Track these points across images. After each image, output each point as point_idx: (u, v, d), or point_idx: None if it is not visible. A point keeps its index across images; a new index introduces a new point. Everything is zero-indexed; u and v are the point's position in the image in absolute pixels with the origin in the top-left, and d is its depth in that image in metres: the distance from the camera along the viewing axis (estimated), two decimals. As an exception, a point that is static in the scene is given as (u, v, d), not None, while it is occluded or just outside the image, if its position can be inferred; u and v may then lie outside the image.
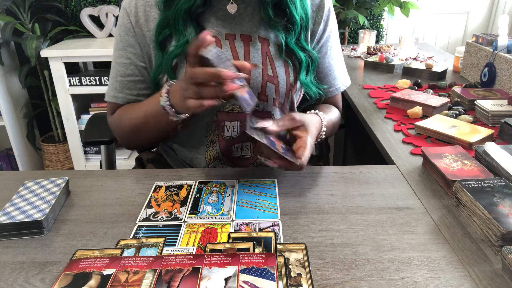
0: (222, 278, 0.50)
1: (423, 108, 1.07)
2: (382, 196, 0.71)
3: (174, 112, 0.73)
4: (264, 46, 0.84)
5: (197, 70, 0.62)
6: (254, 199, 0.70)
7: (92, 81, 2.13)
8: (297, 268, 0.53)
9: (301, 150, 0.70)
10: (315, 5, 0.88)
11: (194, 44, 0.61)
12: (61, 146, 2.38)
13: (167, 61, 0.81)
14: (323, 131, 0.83)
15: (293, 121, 0.73)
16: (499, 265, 0.54)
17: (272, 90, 0.84)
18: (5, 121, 2.20)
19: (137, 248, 0.57)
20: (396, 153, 0.87)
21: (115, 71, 0.87)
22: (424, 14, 2.55)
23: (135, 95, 0.87)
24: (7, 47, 2.22)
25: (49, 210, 0.63)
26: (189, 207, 0.68)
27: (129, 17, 0.84)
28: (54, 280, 0.51)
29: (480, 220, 0.60)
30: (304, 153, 0.69)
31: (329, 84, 0.94)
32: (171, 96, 0.73)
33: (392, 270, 0.53)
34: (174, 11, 0.79)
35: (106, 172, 0.82)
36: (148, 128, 0.82)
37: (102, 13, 2.23)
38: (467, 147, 0.86)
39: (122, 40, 0.85)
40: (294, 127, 0.73)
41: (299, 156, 0.69)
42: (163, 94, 0.74)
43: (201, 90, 0.63)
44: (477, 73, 1.35)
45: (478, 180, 0.67)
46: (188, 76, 0.64)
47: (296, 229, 0.62)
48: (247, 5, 0.84)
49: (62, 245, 0.59)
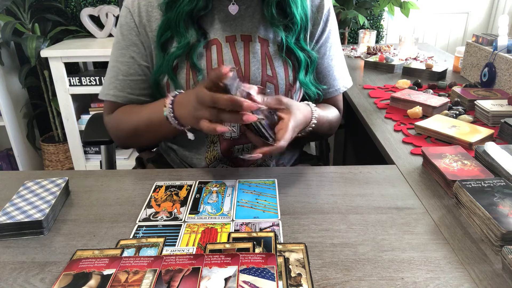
0: (222, 278, 0.50)
1: (423, 108, 1.07)
2: (382, 196, 0.71)
3: (177, 124, 0.74)
4: (263, 46, 0.84)
5: (219, 97, 0.62)
6: (254, 199, 0.70)
7: (92, 81, 2.13)
8: (297, 268, 0.53)
9: (281, 132, 0.70)
10: (315, 6, 0.88)
11: (217, 74, 0.62)
12: (61, 146, 2.38)
13: (168, 62, 0.81)
14: (313, 122, 0.82)
15: (279, 102, 0.73)
16: (499, 265, 0.54)
17: (271, 90, 0.85)
18: (5, 121, 2.20)
19: (137, 248, 0.57)
20: (396, 153, 0.87)
21: (116, 70, 0.86)
22: (424, 14, 2.55)
23: (136, 94, 0.87)
24: (7, 47, 2.22)
25: (49, 210, 0.63)
26: (189, 207, 0.68)
27: (132, 16, 0.83)
28: (54, 280, 0.51)
29: (480, 220, 0.60)
30: (284, 135, 0.69)
31: (329, 84, 0.94)
32: (176, 107, 0.73)
33: (392, 270, 0.53)
34: (175, 13, 0.79)
35: (106, 172, 0.82)
36: (149, 133, 0.83)
37: (102, 13, 2.23)
38: (467, 147, 0.86)
39: (124, 39, 0.85)
40: (279, 109, 0.73)
41: (278, 138, 0.69)
42: (167, 105, 0.74)
43: (220, 116, 0.64)
44: (477, 73, 1.35)
45: (478, 180, 0.67)
46: (205, 99, 0.64)
47: (296, 229, 0.62)
48: (248, 6, 0.84)
49: (62, 245, 0.59)
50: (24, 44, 2.02)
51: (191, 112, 0.68)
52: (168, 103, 0.74)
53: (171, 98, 0.74)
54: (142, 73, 0.86)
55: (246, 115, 0.63)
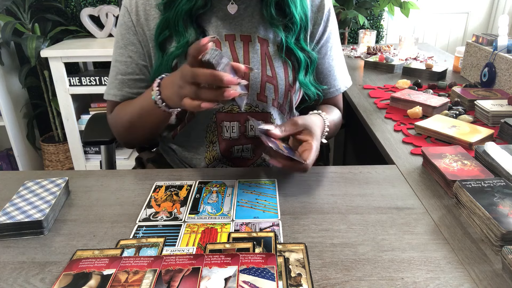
0: (222, 278, 0.50)
1: (423, 108, 1.07)
2: (382, 196, 0.71)
3: (165, 106, 0.73)
4: (263, 46, 0.84)
5: (199, 71, 0.61)
6: (254, 199, 0.70)
7: (92, 81, 2.13)
8: (297, 268, 0.53)
9: (306, 153, 0.69)
10: (315, 6, 0.88)
11: (195, 47, 0.61)
12: (61, 146, 2.38)
13: (167, 62, 0.81)
14: (326, 131, 0.82)
15: (296, 126, 0.72)
16: (499, 265, 0.54)
17: (271, 91, 0.84)
18: (5, 121, 2.20)
19: (137, 248, 0.57)
20: (396, 153, 0.87)
21: (115, 70, 0.87)
22: (424, 14, 2.55)
23: (135, 93, 0.87)
24: (7, 47, 2.22)
25: (49, 210, 0.63)
26: (189, 207, 0.68)
27: (130, 15, 0.84)
28: (54, 280, 0.51)
29: (480, 220, 0.60)
30: (309, 156, 0.68)
31: (329, 84, 0.94)
32: (162, 89, 0.72)
33: (392, 270, 0.53)
34: (174, 12, 0.79)
35: (106, 172, 0.82)
36: (142, 123, 0.82)
37: (102, 13, 2.23)
38: (467, 147, 0.86)
39: (123, 38, 0.85)
40: (297, 132, 0.73)
41: (304, 159, 0.68)
42: (154, 88, 0.73)
43: (200, 92, 0.63)
44: (477, 73, 1.35)
45: (478, 180, 0.67)
46: (187, 75, 0.63)
47: (296, 229, 0.62)
48: (247, 5, 0.84)
49: (62, 245, 0.59)
50: (24, 44, 2.02)
51: (176, 91, 0.67)
52: (155, 86, 0.73)
53: (157, 81, 0.73)
54: (140, 72, 0.86)
55: (227, 91, 0.61)
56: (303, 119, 0.74)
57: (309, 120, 0.75)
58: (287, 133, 0.71)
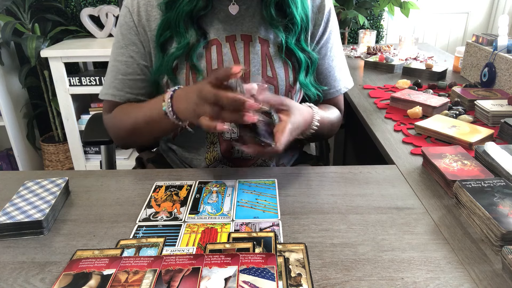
0: (222, 278, 0.50)
1: (423, 108, 1.07)
2: (382, 196, 0.71)
3: (176, 119, 0.73)
4: (264, 47, 0.84)
5: (222, 94, 0.62)
6: (254, 199, 0.70)
7: (92, 81, 2.13)
8: (297, 268, 0.53)
9: (278, 134, 0.68)
10: (315, 6, 0.88)
11: (224, 72, 0.62)
12: (61, 146, 2.38)
13: (168, 63, 0.81)
14: (315, 124, 0.81)
15: (280, 103, 0.71)
16: (499, 265, 0.54)
17: (271, 91, 0.84)
18: (5, 121, 2.20)
19: (137, 248, 0.57)
20: (396, 153, 0.87)
21: (115, 69, 0.86)
22: (424, 14, 2.55)
23: (135, 94, 0.87)
24: (7, 47, 2.22)
25: (49, 210, 0.63)
26: (189, 207, 0.68)
27: (131, 15, 0.83)
28: (54, 280, 0.51)
29: (480, 220, 0.60)
30: (280, 138, 0.67)
31: (329, 85, 0.94)
32: (175, 102, 0.73)
33: (392, 270, 0.53)
34: (175, 13, 0.79)
35: (106, 172, 0.82)
36: (148, 130, 0.82)
37: (102, 13, 2.23)
38: (467, 147, 0.86)
39: (124, 38, 0.85)
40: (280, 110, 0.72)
41: (275, 141, 0.67)
42: (166, 100, 0.73)
43: (221, 114, 0.63)
44: (477, 73, 1.35)
45: (478, 180, 0.67)
46: (209, 96, 0.63)
47: (296, 229, 0.62)
48: (248, 6, 0.84)
49: (62, 245, 0.59)
50: (24, 44, 2.02)
51: (192, 107, 0.68)
52: (167, 98, 0.73)
53: (170, 93, 0.74)
54: (141, 72, 0.86)
55: (247, 115, 0.62)
56: (291, 101, 0.74)
57: (296, 105, 0.75)
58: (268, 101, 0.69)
